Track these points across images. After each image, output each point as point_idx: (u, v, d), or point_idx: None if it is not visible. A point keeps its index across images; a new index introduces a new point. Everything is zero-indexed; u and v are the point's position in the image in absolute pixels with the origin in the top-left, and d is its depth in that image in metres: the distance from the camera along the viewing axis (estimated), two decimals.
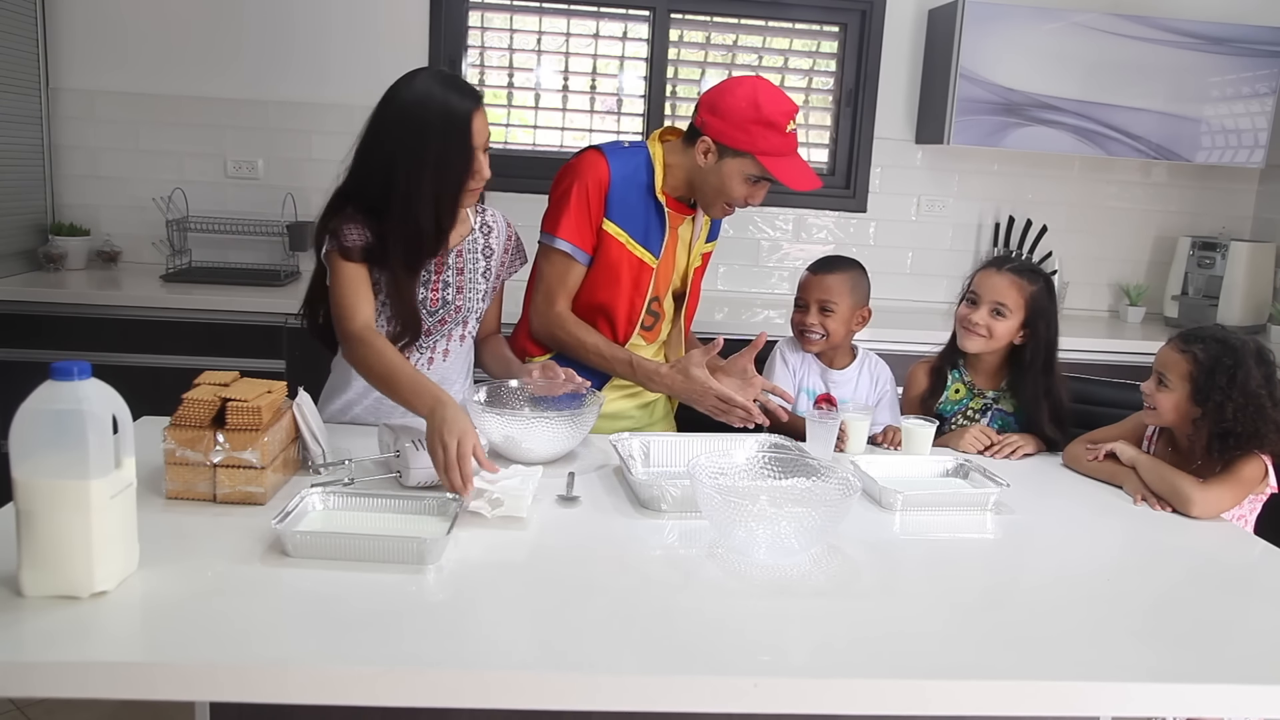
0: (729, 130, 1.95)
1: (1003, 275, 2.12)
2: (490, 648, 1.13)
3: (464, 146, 1.78)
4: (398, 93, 1.80)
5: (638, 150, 2.06)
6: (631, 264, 2.05)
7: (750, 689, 1.09)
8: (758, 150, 1.94)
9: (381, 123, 1.80)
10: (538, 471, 1.58)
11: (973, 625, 1.27)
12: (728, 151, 1.96)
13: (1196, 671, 1.19)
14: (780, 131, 1.94)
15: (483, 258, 2.00)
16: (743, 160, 1.96)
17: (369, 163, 1.81)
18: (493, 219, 2.04)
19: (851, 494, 1.42)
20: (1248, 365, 1.78)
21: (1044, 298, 2.13)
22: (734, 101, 1.95)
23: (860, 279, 2.24)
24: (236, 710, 1.41)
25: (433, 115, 1.76)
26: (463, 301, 1.96)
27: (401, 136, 1.76)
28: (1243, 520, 1.85)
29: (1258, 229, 3.87)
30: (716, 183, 2.00)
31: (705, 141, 1.97)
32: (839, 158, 3.75)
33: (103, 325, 2.93)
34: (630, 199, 2.02)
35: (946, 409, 2.21)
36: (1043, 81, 3.39)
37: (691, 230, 2.15)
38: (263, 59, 3.43)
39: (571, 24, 3.60)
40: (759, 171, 1.97)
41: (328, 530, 1.38)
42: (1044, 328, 2.12)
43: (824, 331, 2.20)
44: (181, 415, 1.48)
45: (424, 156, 1.76)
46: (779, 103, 1.95)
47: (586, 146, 2.06)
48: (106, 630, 1.11)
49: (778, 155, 1.95)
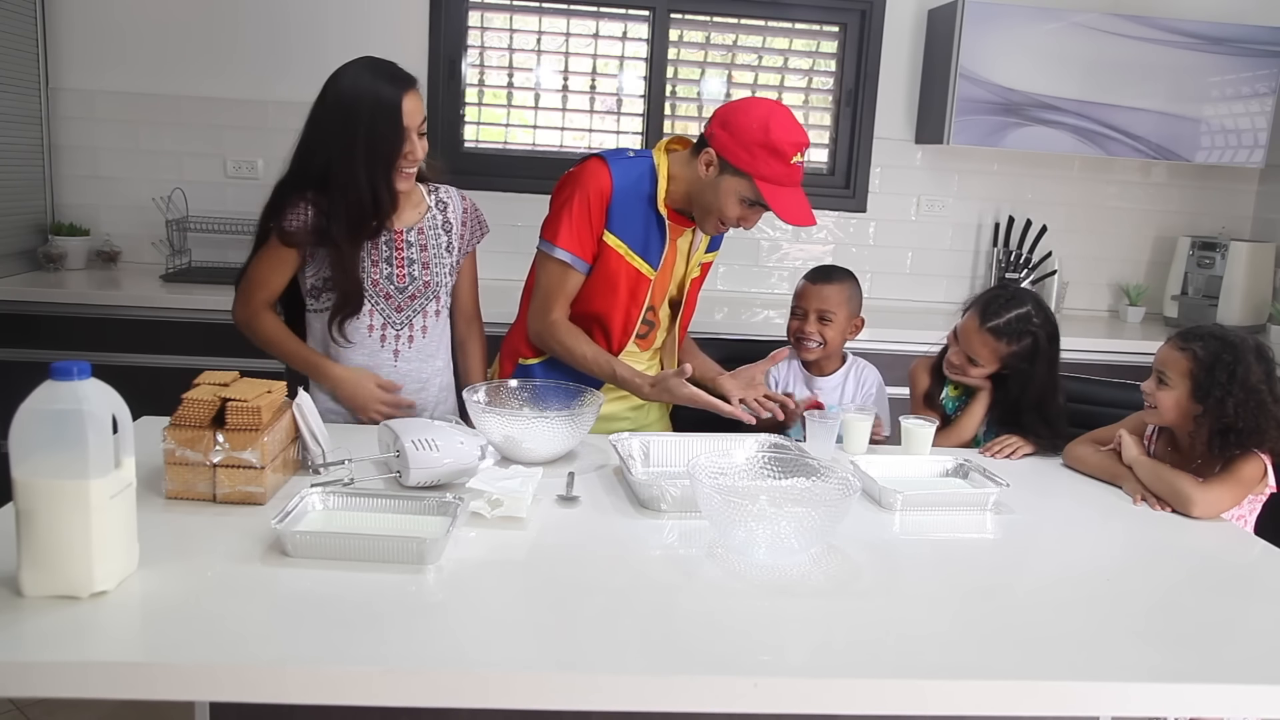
0: (734, 147, 1.92)
1: (979, 334, 2.10)
2: (490, 648, 1.13)
3: (394, 129, 1.88)
4: (332, 83, 1.91)
5: (642, 160, 2.04)
6: (629, 275, 2.04)
7: (750, 689, 1.09)
8: (757, 174, 1.91)
9: (318, 112, 1.91)
10: (538, 471, 1.58)
11: (972, 625, 1.27)
12: (728, 168, 1.94)
13: (1196, 671, 1.19)
14: (785, 161, 1.90)
15: (444, 232, 2.06)
16: (741, 181, 1.93)
17: (309, 149, 1.91)
18: (446, 195, 2.10)
19: (851, 494, 1.42)
20: (1247, 361, 1.78)
21: (1021, 358, 2.09)
22: (746, 120, 1.92)
23: (856, 290, 2.29)
24: (236, 710, 1.41)
25: (363, 101, 1.86)
26: (430, 277, 2.03)
27: (336, 123, 1.87)
28: (1242, 520, 1.85)
29: (1258, 229, 3.87)
30: (713, 198, 1.98)
31: (709, 153, 1.95)
32: (839, 158, 3.75)
33: (103, 325, 2.93)
34: (631, 210, 2.01)
35: (949, 405, 2.23)
36: (1043, 81, 3.39)
37: (690, 242, 2.14)
38: (262, 59, 3.43)
39: (571, 24, 3.60)
40: (754, 196, 1.93)
41: (327, 530, 1.38)
42: (1017, 385, 2.09)
43: (822, 340, 2.23)
44: (181, 415, 1.48)
45: (356, 139, 1.86)
46: (790, 132, 1.91)
47: (590, 154, 2.05)
48: (106, 630, 1.11)
49: (776, 184, 1.92)
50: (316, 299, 1.99)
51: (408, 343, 2.03)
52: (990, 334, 2.09)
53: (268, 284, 1.98)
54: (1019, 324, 2.09)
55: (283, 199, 1.92)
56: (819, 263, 3.37)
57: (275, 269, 1.96)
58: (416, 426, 1.66)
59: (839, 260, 3.72)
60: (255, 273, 1.97)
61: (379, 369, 2.01)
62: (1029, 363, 2.09)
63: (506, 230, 2.20)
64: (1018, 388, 2.10)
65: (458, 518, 1.40)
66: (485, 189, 3.32)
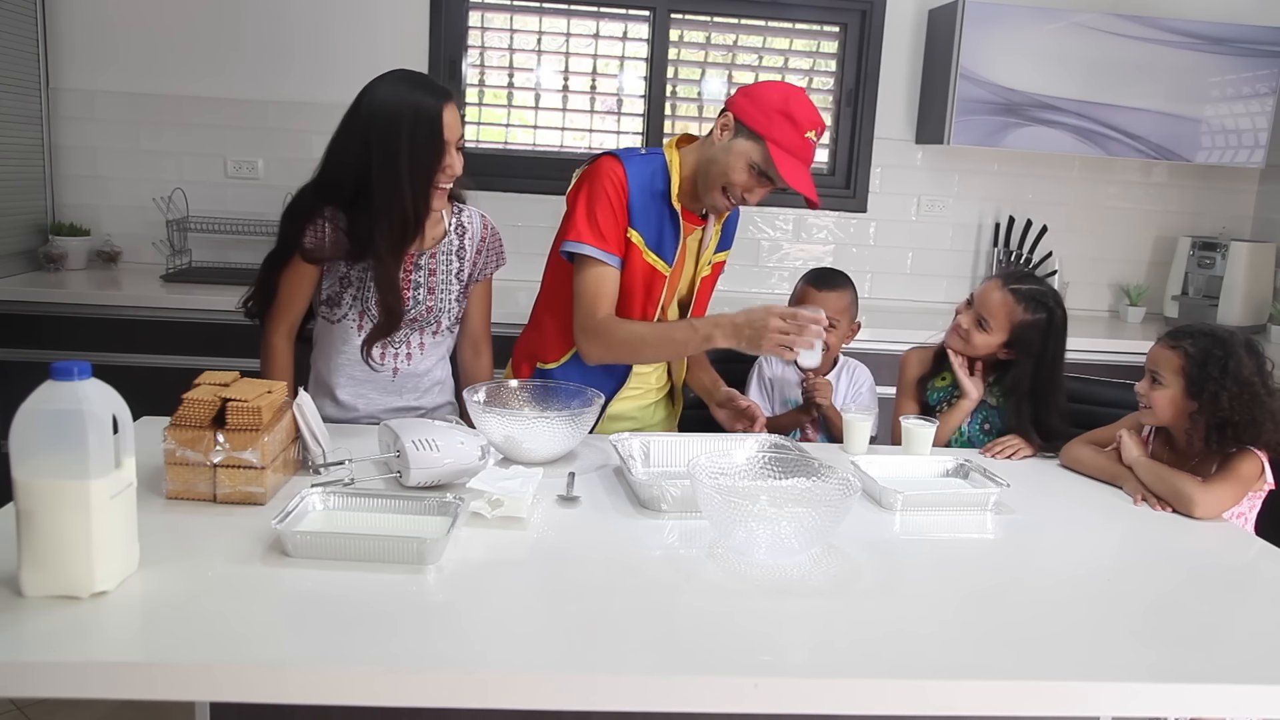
0: (752, 111, 1.93)
1: (1000, 291, 2.12)
2: (490, 648, 1.13)
3: (434, 140, 1.84)
4: (367, 94, 1.86)
5: (654, 157, 2.03)
6: (646, 272, 2.01)
7: (750, 689, 1.09)
8: (771, 138, 1.90)
9: (354, 123, 1.85)
10: (538, 472, 1.58)
11: (973, 625, 1.27)
12: (744, 130, 1.93)
13: (1196, 671, 1.18)
14: (799, 132, 1.91)
15: (456, 259, 2.02)
16: (754, 145, 1.92)
17: (342, 161, 1.86)
18: (468, 220, 2.05)
19: (851, 494, 1.42)
20: (1238, 354, 1.79)
21: (1034, 330, 2.09)
22: (768, 91, 1.95)
23: (855, 294, 2.33)
24: (236, 710, 1.41)
25: (404, 111, 1.82)
26: (434, 303, 2.00)
27: (376, 133, 1.82)
28: (1243, 518, 1.86)
29: (1258, 229, 3.87)
30: (724, 162, 1.95)
31: (727, 116, 1.96)
32: (839, 158, 3.75)
33: (103, 325, 2.93)
34: (647, 206, 1.99)
35: (933, 396, 2.22)
36: (1043, 81, 3.39)
37: (700, 240, 2.12)
38: (263, 59, 3.43)
39: (571, 24, 3.60)
40: (764, 163, 1.92)
41: (328, 530, 1.38)
42: (1028, 356, 2.09)
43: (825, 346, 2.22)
44: (181, 415, 1.47)
45: (398, 148, 1.81)
46: (808, 110, 1.93)
47: (602, 153, 2.02)
48: (106, 630, 1.11)
49: (789, 153, 1.92)
50: (330, 310, 1.97)
51: (405, 360, 2.01)
52: (1011, 294, 2.10)
53: (293, 303, 1.96)
54: (1039, 295, 2.12)
55: (305, 208, 1.89)
56: (819, 263, 3.39)
57: (299, 286, 1.94)
58: (417, 426, 1.66)
59: (839, 260, 3.72)
60: (282, 291, 1.95)
61: (375, 383, 1.99)
62: (1040, 339, 2.09)
63: (507, 231, 2.19)
64: (1026, 365, 2.09)
65: (458, 518, 1.40)
66: (485, 189, 3.33)
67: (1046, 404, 2.08)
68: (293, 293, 1.95)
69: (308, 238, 1.88)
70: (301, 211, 1.90)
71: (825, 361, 2.29)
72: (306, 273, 1.93)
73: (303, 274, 1.93)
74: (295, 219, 1.90)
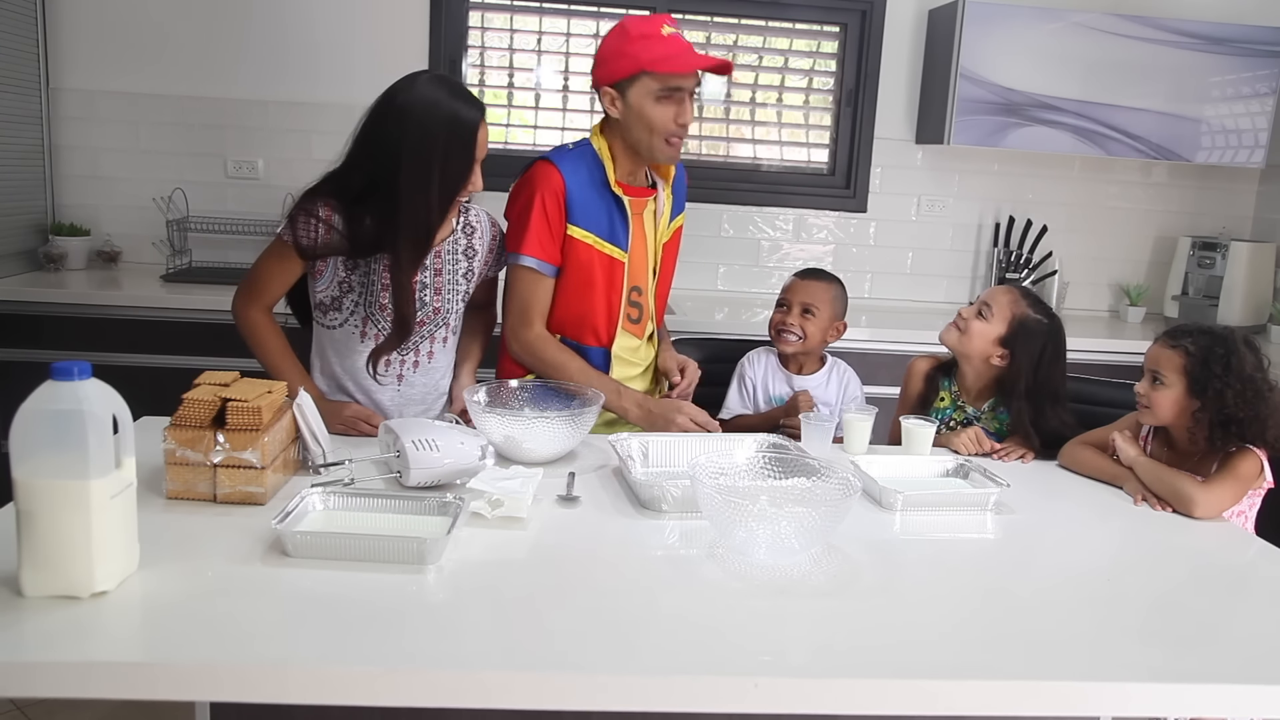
0: (612, 65, 1.97)
1: (1008, 290, 2.15)
2: (490, 648, 1.13)
3: (466, 154, 1.81)
4: (403, 93, 1.80)
5: (583, 149, 2.05)
6: (603, 263, 2.04)
7: (751, 689, 1.09)
8: (644, 63, 1.93)
9: (384, 120, 1.80)
10: (538, 472, 1.58)
11: (973, 625, 1.27)
12: (624, 85, 1.96)
13: (1196, 671, 1.19)
14: (658, 38, 1.94)
15: (464, 258, 2.00)
16: (641, 83, 1.95)
17: (367, 157, 1.82)
18: (476, 219, 2.03)
19: (851, 494, 1.42)
20: (1240, 351, 1.80)
21: (1033, 326, 2.09)
22: (606, 43, 2.00)
23: (842, 292, 2.30)
24: (236, 710, 1.41)
25: (441, 119, 1.78)
26: (441, 303, 1.97)
27: (407, 137, 1.77)
28: (1243, 517, 1.86)
29: (1258, 229, 3.87)
30: (639, 122, 1.97)
31: (606, 92, 1.98)
32: (839, 158, 3.75)
33: (103, 325, 2.94)
34: (589, 199, 2.01)
35: (934, 414, 2.22)
36: (1043, 81, 3.39)
37: (654, 210, 2.14)
38: (262, 59, 3.43)
39: (571, 24, 3.60)
40: (659, 83, 1.94)
41: (328, 530, 1.38)
42: (1023, 354, 2.08)
43: (802, 334, 2.23)
44: (181, 415, 1.47)
45: (429, 158, 1.78)
46: (645, 21, 1.97)
47: (535, 159, 2.05)
48: (106, 630, 1.11)
49: (667, 58, 1.94)
50: (325, 314, 1.93)
51: (412, 368, 1.98)
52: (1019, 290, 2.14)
53: (268, 288, 1.90)
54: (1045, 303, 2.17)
55: (308, 196, 1.85)
56: (819, 263, 3.39)
57: (277, 274, 1.89)
58: (416, 426, 1.66)
59: (839, 260, 3.73)
60: (260, 270, 1.90)
61: (382, 393, 1.96)
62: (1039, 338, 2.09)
63: None
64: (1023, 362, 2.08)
65: (458, 518, 1.40)
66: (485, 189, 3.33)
67: (1045, 411, 2.07)
68: (270, 276, 1.90)
69: (300, 232, 1.83)
70: (309, 204, 1.85)
71: (813, 353, 2.29)
72: (290, 265, 1.87)
73: (285, 264, 1.87)
74: (298, 205, 1.86)
